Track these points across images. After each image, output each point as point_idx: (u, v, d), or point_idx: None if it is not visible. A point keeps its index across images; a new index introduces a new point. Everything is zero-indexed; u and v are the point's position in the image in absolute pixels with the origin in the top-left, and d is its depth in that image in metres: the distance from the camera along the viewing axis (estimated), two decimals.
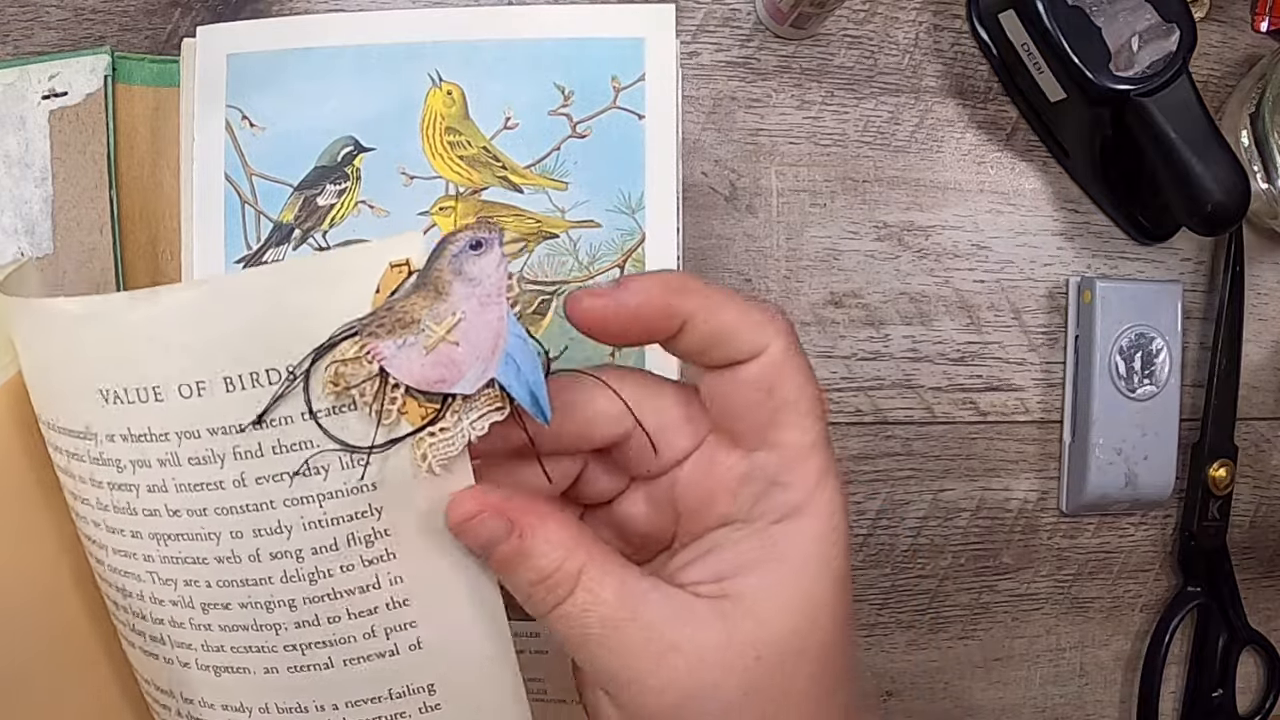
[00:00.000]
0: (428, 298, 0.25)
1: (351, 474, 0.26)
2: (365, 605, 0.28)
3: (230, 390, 0.26)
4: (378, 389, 0.25)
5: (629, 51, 0.43)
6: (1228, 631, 0.53)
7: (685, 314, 0.26)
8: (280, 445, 0.26)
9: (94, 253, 0.43)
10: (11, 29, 0.45)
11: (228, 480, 0.26)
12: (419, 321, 0.25)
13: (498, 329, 0.25)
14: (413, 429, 0.25)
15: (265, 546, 0.27)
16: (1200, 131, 0.45)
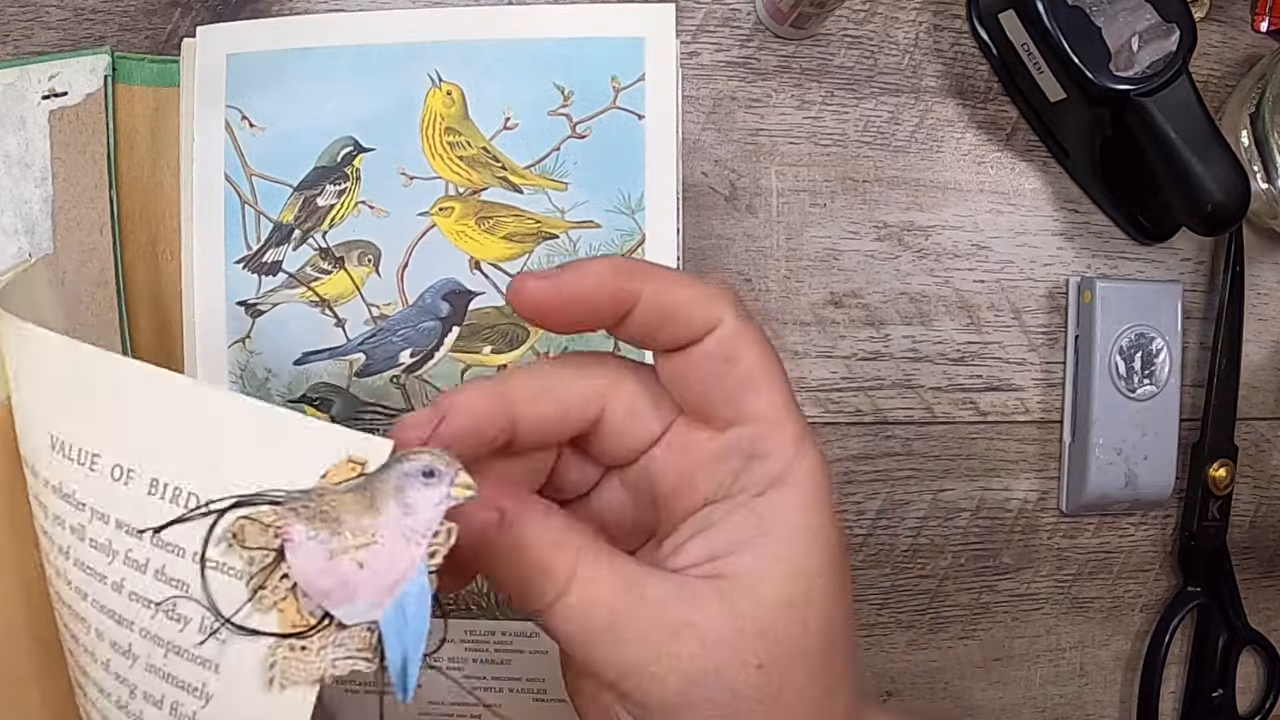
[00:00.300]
0: (360, 505, 0.23)
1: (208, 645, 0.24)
2: None
3: (151, 493, 0.24)
4: (268, 564, 0.23)
5: (629, 51, 0.43)
6: (1228, 631, 0.53)
7: (633, 295, 0.26)
8: (162, 573, 0.24)
9: (94, 253, 0.43)
10: (11, 29, 0.45)
11: (110, 579, 0.25)
12: (340, 523, 0.23)
13: (405, 572, 0.23)
14: (279, 631, 0.23)
15: (114, 664, 0.26)
16: (1200, 131, 0.45)
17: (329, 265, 0.43)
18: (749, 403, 0.26)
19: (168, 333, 0.44)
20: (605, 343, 0.42)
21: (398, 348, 0.43)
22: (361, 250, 0.43)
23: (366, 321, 0.43)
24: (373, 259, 0.43)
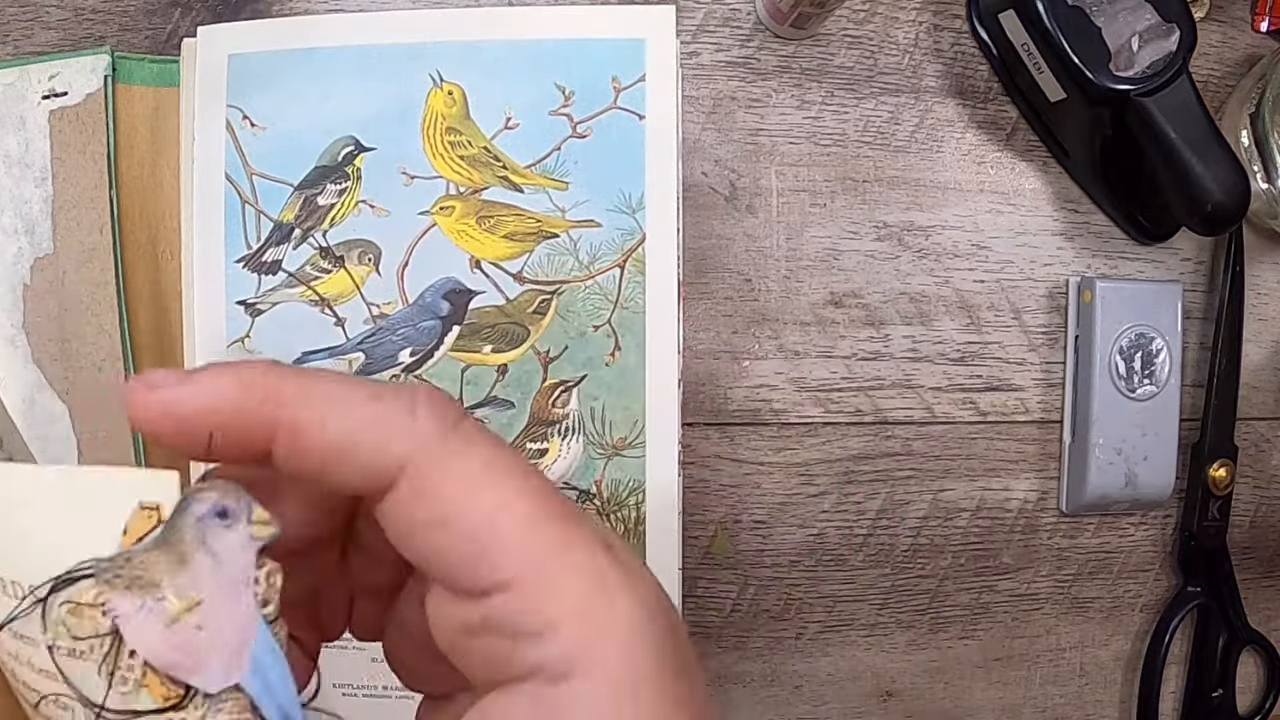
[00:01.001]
0: (171, 561, 0.20)
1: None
2: None
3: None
4: (111, 649, 0.20)
5: (629, 52, 0.43)
6: (1228, 631, 0.53)
7: (268, 426, 0.19)
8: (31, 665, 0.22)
9: (94, 253, 0.43)
10: (11, 29, 0.45)
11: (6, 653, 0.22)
12: (159, 585, 0.20)
13: (244, 626, 0.20)
14: (155, 708, 0.21)
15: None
16: (1200, 131, 0.45)
17: (329, 264, 0.43)
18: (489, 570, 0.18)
19: (168, 333, 0.44)
20: (603, 349, 0.42)
21: (397, 347, 0.43)
22: (362, 249, 0.43)
23: (366, 321, 0.43)
24: (373, 258, 0.43)
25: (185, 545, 0.20)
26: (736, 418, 0.49)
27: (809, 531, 0.50)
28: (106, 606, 0.20)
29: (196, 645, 0.20)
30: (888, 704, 0.52)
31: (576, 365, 0.43)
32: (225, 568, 0.20)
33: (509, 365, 0.43)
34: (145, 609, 0.20)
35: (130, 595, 0.20)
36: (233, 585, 0.20)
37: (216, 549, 0.20)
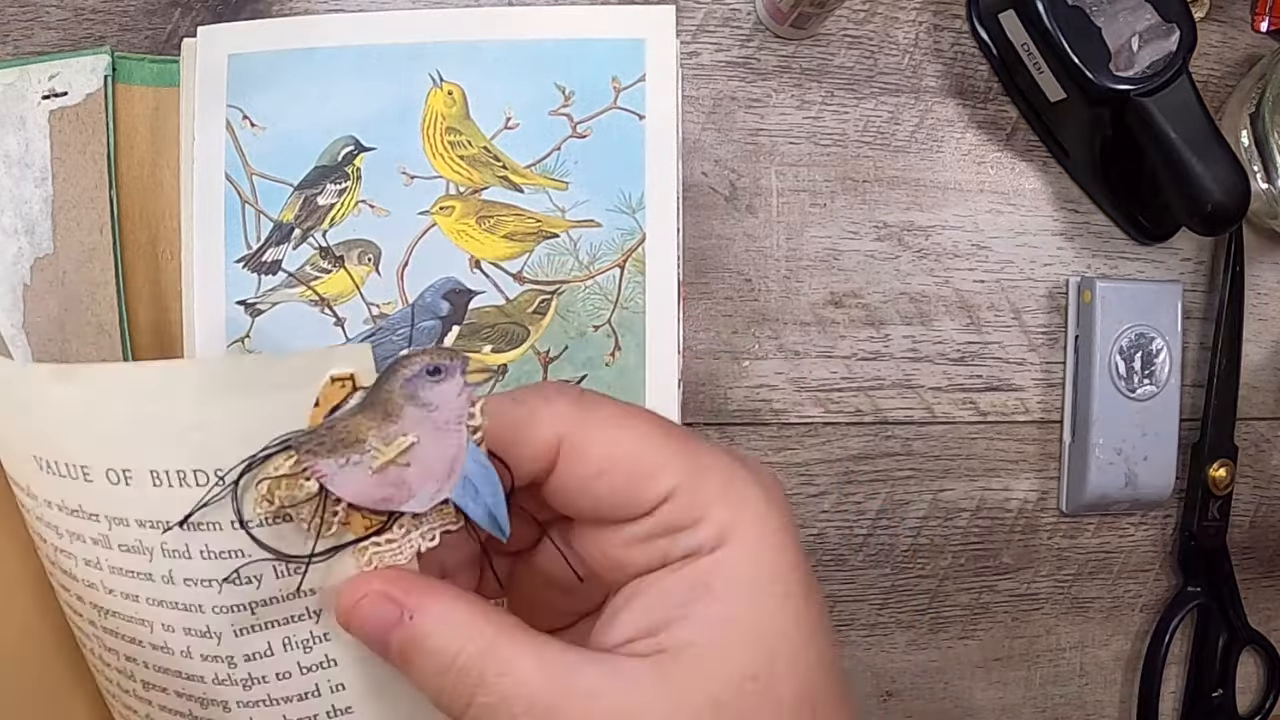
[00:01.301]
0: (375, 419, 0.23)
1: (288, 581, 0.24)
2: (304, 712, 0.26)
3: (156, 485, 0.24)
4: (317, 506, 0.23)
5: (629, 52, 0.43)
6: (1228, 631, 0.53)
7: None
8: (209, 550, 0.24)
9: (94, 253, 0.43)
10: (11, 29, 0.45)
11: (157, 574, 0.25)
12: (364, 441, 0.23)
13: (455, 455, 0.23)
14: (356, 538, 0.24)
15: (196, 647, 0.25)
16: (1200, 131, 0.45)
17: (329, 264, 0.43)
18: (648, 492, 0.23)
19: (168, 332, 0.44)
20: (604, 348, 0.42)
21: (397, 347, 0.43)
22: (362, 249, 0.43)
23: (366, 321, 0.43)
24: (373, 258, 0.43)
25: (392, 404, 0.23)
26: (736, 418, 0.49)
27: (809, 531, 0.50)
28: (308, 472, 0.23)
29: (406, 479, 0.23)
30: (888, 704, 0.52)
31: (576, 365, 0.43)
32: (437, 412, 0.23)
33: (509, 365, 0.43)
34: (349, 464, 0.23)
35: (331, 458, 0.23)
36: (444, 425, 0.23)
37: (427, 399, 0.23)
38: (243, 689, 0.26)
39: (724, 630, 0.22)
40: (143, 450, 0.24)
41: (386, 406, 0.23)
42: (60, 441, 0.25)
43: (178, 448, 0.24)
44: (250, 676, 0.25)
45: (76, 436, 0.25)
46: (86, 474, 0.25)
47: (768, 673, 0.22)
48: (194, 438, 0.24)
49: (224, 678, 0.26)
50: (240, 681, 0.26)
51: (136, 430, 0.24)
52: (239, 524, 0.23)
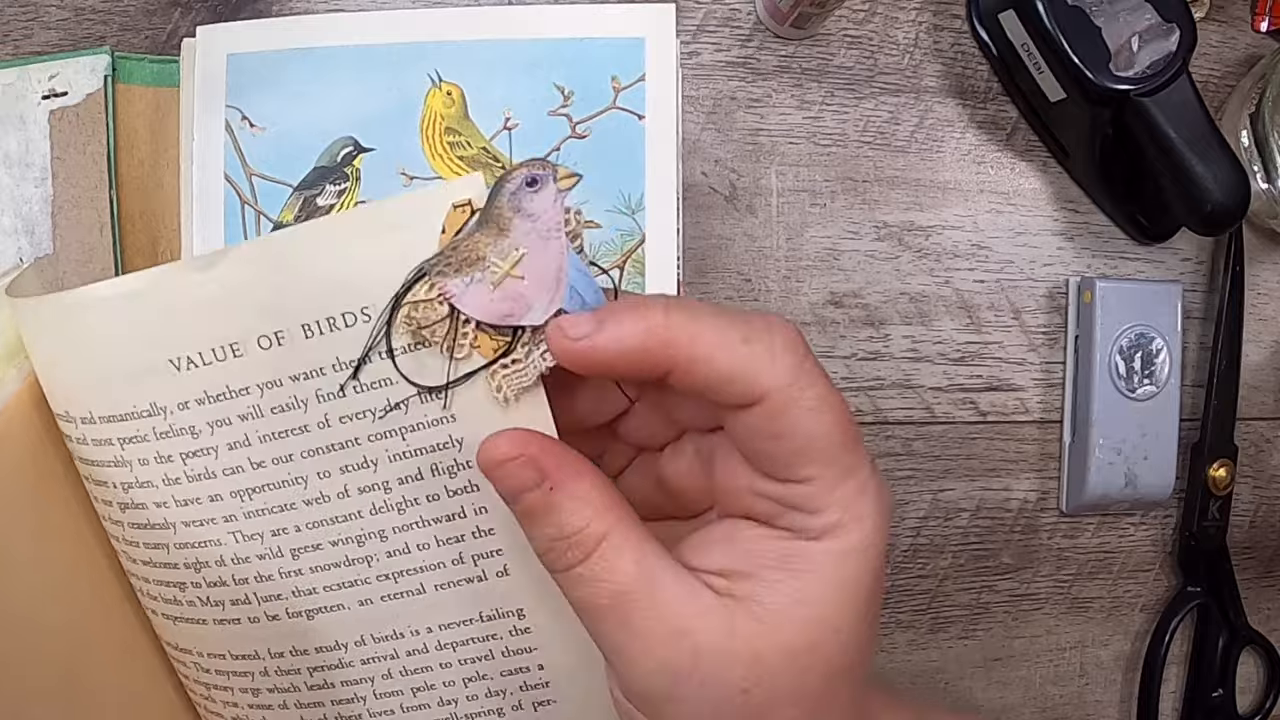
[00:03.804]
0: (490, 235, 0.25)
1: (431, 407, 0.27)
2: (453, 532, 0.29)
3: (309, 336, 0.27)
4: (449, 328, 0.26)
5: (629, 51, 0.43)
6: (1228, 631, 0.53)
7: (668, 364, 0.24)
8: (362, 385, 0.27)
9: (94, 253, 0.43)
10: (11, 29, 0.45)
11: (312, 423, 0.28)
12: (485, 258, 0.25)
13: (559, 262, 0.26)
14: (486, 361, 0.26)
15: (353, 481, 0.28)
16: (1200, 131, 0.45)
17: None
18: (802, 469, 0.25)
19: None
20: None
21: None
22: None
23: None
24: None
25: (503, 216, 0.25)
26: None
27: None
28: (441, 294, 0.26)
29: (522, 291, 0.26)
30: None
31: None
32: (540, 221, 0.25)
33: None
34: (474, 282, 0.26)
35: (458, 277, 0.25)
36: (547, 233, 0.26)
37: (531, 209, 0.25)
38: (398, 513, 0.29)
39: (791, 608, 0.25)
40: (292, 309, 0.27)
41: (499, 221, 0.25)
42: (206, 330, 0.27)
43: (323, 298, 0.26)
44: (405, 499, 0.28)
45: (225, 317, 0.27)
46: (236, 350, 0.27)
47: (807, 658, 0.25)
48: (339, 284, 0.26)
49: (381, 505, 0.29)
50: (396, 506, 0.29)
51: (285, 291, 0.27)
52: (388, 354, 0.26)
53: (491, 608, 0.30)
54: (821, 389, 0.25)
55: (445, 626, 0.30)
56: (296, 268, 0.26)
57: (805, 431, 0.25)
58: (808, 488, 0.25)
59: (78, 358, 0.29)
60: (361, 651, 0.31)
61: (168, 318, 0.27)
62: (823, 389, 0.25)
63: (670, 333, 0.24)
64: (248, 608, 0.30)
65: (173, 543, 0.30)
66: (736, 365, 0.24)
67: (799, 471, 0.25)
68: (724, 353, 0.24)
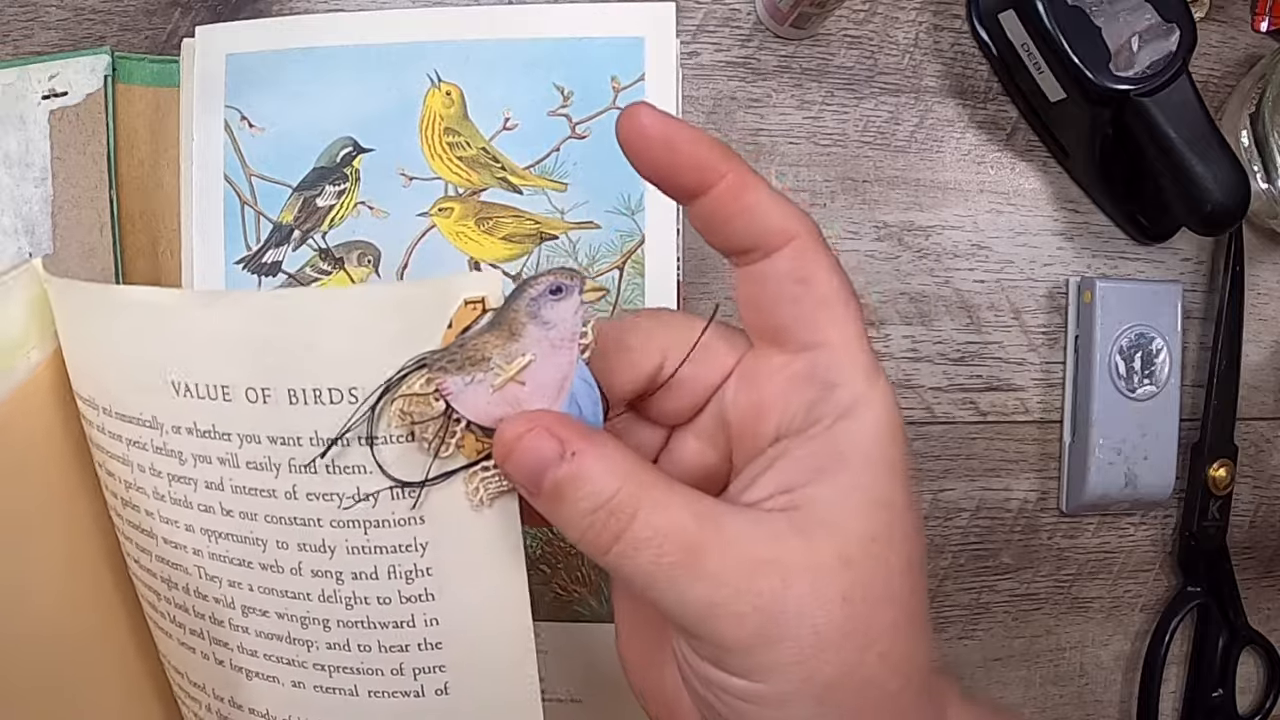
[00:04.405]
0: (500, 337, 0.25)
1: (400, 505, 0.26)
2: (397, 641, 0.27)
3: (293, 403, 0.26)
4: (440, 427, 0.25)
5: (629, 51, 0.43)
6: (1228, 631, 0.53)
7: (718, 172, 0.25)
8: (335, 466, 0.26)
9: (94, 253, 0.43)
10: (11, 29, 0.45)
11: (280, 490, 0.27)
12: (489, 359, 0.25)
13: (566, 371, 0.25)
14: (467, 462, 0.25)
15: (308, 562, 0.27)
16: (1200, 131, 0.45)
17: (329, 266, 0.43)
18: (824, 327, 0.25)
19: None
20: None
21: None
22: (361, 251, 0.43)
23: None
24: (372, 260, 0.43)
25: (516, 322, 0.25)
26: None
27: None
28: (438, 390, 0.25)
29: (519, 397, 0.25)
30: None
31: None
32: (555, 330, 0.25)
33: None
34: (474, 383, 0.25)
35: (459, 375, 0.25)
36: (559, 342, 0.25)
37: (548, 318, 0.25)
38: (345, 608, 0.27)
39: (854, 495, 0.24)
40: (283, 370, 0.26)
41: (511, 325, 0.25)
42: (204, 364, 0.27)
43: (316, 368, 0.26)
44: (355, 596, 0.27)
45: (221, 358, 0.26)
46: (226, 394, 0.26)
47: (886, 536, 0.24)
48: (333, 358, 0.25)
49: (330, 594, 0.27)
50: (345, 600, 0.27)
51: (278, 351, 0.26)
52: (367, 441, 0.25)
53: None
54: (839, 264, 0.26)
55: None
56: (293, 331, 0.26)
57: (829, 282, 0.25)
58: (827, 354, 0.25)
59: (104, 350, 0.29)
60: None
61: (175, 340, 0.27)
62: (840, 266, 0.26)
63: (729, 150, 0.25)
64: (201, 642, 0.30)
65: (154, 553, 0.30)
66: (776, 203, 0.25)
67: (823, 329, 0.25)
68: (767, 188, 0.25)
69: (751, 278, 0.26)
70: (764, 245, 0.25)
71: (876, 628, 0.24)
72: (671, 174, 0.25)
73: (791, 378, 0.26)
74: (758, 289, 0.26)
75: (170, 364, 0.27)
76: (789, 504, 0.24)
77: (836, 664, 0.23)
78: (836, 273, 0.26)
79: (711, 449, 0.28)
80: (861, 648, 0.24)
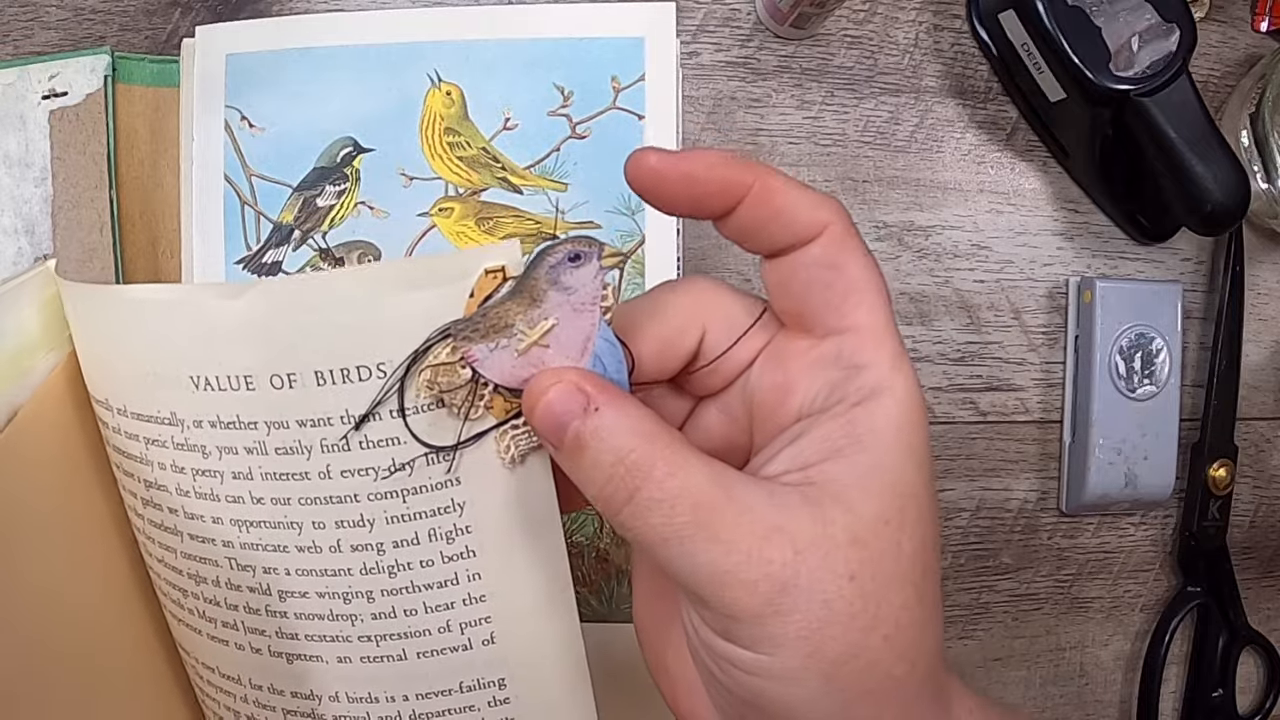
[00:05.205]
0: (522, 304, 0.25)
1: (436, 469, 0.27)
2: (442, 600, 0.28)
3: (321, 384, 0.26)
4: (468, 393, 0.26)
5: (629, 51, 0.43)
6: (1228, 631, 0.53)
7: (743, 186, 0.25)
8: (369, 441, 0.27)
9: (94, 253, 0.43)
10: (11, 29, 0.45)
11: (313, 472, 0.27)
12: (512, 326, 0.25)
13: (588, 333, 0.25)
14: (497, 422, 0.26)
15: (347, 538, 0.28)
16: (1200, 131, 0.45)
17: (329, 266, 0.43)
18: (852, 311, 0.26)
19: None
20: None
21: None
22: (361, 251, 0.43)
23: None
24: (373, 260, 0.43)
25: (537, 289, 0.25)
26: None
27: None
28: (463, 358, 0.25)
29: (545, 360, 0.25)
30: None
31: None
32: (576, 295, 0.25)
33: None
34: (498, 348, 0.25)
35: (483, 342, 0.25)
36: (581, 306, 0.25)
37: (568, 284, 0.25)
38: (389, 576, 0.28)
39: (869, 477, 0.24)
40: (309, 353, 0.26)
41: (532, 292, 0.25)
42: (225, 355, 0.27)
43: (341, 347, 0.26)
44: (397, 563, 0.28)
45: (243, 348, 0.27)
46: (249, 383, 0.27)
47: (898, 520, 0.24)
48: (358, 336, 0.26)
49: (371, 566, 0.28)
50: (387, 569, 0.28)
51: (304, 334, 0.26)
52: (399, 412, 0.26)
53: (473, 678, 0.29)
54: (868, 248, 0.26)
55: (422, 696, 0.30)
56: (317, 312, 0.26)
57: (860, 268, 0.26)
58: (853, 338, 0.26)
59: (118, 351, 0.29)
60: (335, 708, 0.30)
61: (194, 335, 0.27)
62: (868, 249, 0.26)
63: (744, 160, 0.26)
64: (235, 634, 0.30)
65: (179, 550, 0.30)
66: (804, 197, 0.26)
67: (851, 314, 0.26)
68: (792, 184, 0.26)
69: (782, 265, 0.26)
70: (799, 240, 0.26)
71: (884, 610, 0.24)
72: (700, 204, 0.26)
73: (817, 359, 0.26)
74: (789, 275, 0.26)
75: (188, 359, 0.27)
76: (804, 480, 0.25)
77: (843, 642, 0.23)
78: (867, 258, 0.26)
79: (734, 424, 0.29)
80: (867, 629, 0.24)
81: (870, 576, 0.24)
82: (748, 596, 0.23)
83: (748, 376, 0.28)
